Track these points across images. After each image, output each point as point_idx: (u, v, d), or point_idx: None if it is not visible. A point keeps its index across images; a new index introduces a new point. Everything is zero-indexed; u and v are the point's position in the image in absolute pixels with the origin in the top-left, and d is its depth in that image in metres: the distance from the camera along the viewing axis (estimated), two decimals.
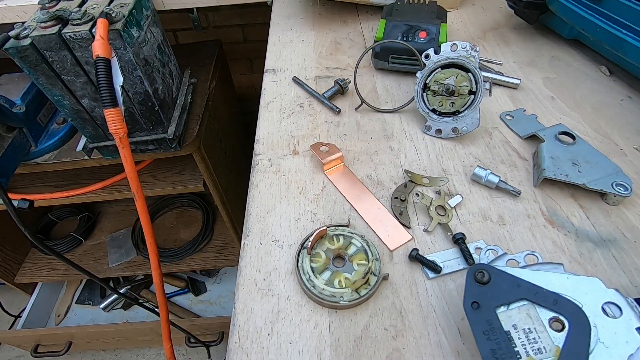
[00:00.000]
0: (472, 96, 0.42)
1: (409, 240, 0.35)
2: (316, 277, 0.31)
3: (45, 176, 0.90)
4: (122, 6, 0.56)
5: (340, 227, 0.35)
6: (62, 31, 0.51)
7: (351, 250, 0.33)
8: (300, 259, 0.32)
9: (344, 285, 0.31)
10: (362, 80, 0.52)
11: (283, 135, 0.45)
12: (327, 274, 0.32)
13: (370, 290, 0.31)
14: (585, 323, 0.24)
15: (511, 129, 0.44)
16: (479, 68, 0.41)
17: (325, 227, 0.34)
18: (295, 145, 0.44)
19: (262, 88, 0.52)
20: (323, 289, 0.31)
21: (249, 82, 1.38)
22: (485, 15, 0.63)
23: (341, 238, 0.34)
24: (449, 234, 0.35)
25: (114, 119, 0.50)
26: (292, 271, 0.33)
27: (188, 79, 0.81)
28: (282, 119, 0.48)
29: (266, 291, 0.32)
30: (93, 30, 0.51)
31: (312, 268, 0.32)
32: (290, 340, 0.29)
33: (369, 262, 0.32)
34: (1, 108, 0.66)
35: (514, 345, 0.24)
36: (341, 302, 0.30)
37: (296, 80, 0.52)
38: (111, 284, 1.27)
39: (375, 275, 0.32)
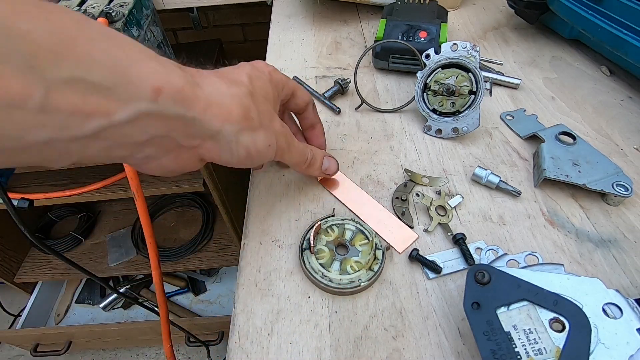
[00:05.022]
0: (473, 96, 0.42)
1: (416, 239, 0.35)
2: (329, 272, 0.31)
3: (45, 175, 0.90)
4: (122, 5, 0.56)
5: (329, 219, 0.35)
6: None
7: (348, 235, 0.34)
8: (305, 261, 0.32)
9: (357, 269, 0.32)
10: (362, 80, 0.52)
11: None
12: (336, 265, 0.32)
13: (381, 263, 0.32)
14: (586, 324, 0.24)
15: (511, 129, 0.44)
16: (480, 68, 0.41)
17: (319, 223, 0.34)
18: None
19: None
20: (340, 280, 0.31)
21: None
22: (486, 15, 0.63)
23: (335, 228, 0.34)
24: (449, 234, 0.34)
25: None
26: (292, 271, 0.33)
27: None
28: None
29: (266, 291, 0.32)
30: None
31: (321, 265, 0.32)
32: (290, 340, 0.29)
33: (369, 239, 0.33)
34: None
35: (514, 345, 0.24)
36: (361, 284, 0.31)
37: (296, 80, 0.52)
38: (111, 284, 1.27)
39: (379, 249, 0.33)
